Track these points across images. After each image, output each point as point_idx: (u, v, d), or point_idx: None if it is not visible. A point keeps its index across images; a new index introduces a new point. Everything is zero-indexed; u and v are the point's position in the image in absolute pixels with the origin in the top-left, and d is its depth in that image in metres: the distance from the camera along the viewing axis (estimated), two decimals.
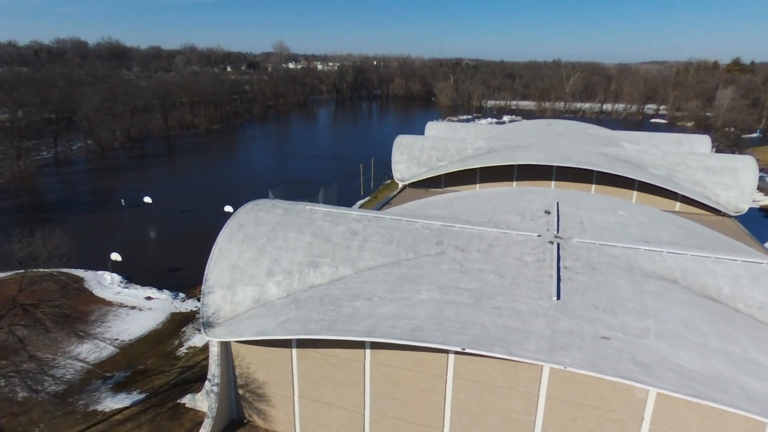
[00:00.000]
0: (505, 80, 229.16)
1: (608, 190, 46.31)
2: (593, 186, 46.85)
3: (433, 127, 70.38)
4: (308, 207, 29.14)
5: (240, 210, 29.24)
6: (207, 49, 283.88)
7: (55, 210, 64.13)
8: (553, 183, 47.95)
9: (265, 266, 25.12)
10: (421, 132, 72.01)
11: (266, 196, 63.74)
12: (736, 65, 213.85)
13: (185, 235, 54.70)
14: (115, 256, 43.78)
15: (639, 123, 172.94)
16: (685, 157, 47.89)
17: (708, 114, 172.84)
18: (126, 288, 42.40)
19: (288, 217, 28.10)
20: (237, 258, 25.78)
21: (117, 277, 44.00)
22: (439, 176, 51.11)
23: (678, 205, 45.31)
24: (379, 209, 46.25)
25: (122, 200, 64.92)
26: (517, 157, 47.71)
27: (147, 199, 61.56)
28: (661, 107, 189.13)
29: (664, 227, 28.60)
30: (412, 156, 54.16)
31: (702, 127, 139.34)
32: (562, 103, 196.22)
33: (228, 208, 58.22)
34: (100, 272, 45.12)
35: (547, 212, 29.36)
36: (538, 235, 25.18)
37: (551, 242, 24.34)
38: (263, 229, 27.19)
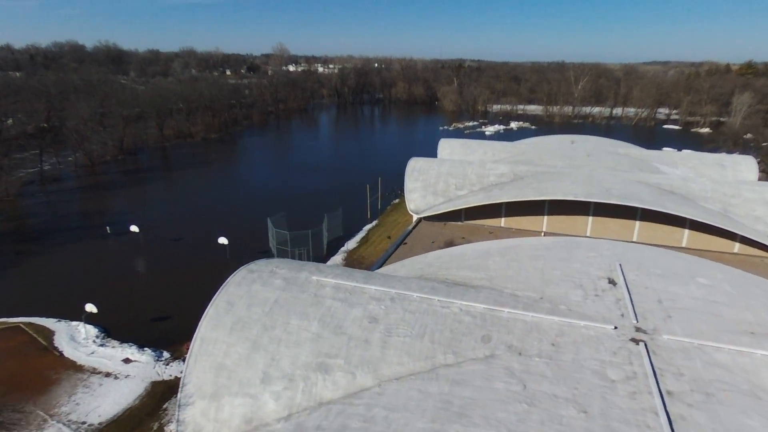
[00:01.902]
0: (510, 84, 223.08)
1: (655, 228, 40.60)
2: (637, 223, 41.11)
3: (446, 146, 64.72)
4: (314, 277, 23.40)
5: (230, 281, 23.51)
6: (206, 53, 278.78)
7: (34, 239, 58.40)
8: (590, 219, 42.23)
9: (260, 368, 19.41)
10: (429, 140, 66.41)
11: (265, 221, 58.51)
12: (750, 68, 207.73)
13: (174, 272, 48.96)
14: (90, 308, 38.07)
15: (651, 129, 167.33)
16: (740, 188, 42.11)
17: (721, 119, 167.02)
18: (102, 346, 36.64)
19: (289, 292, 22.38)
20: (224, 354, 20.08)
21: (93, 331, 38.28)
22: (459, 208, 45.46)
23: (737, 246, 39.56)
24: (393, 251, 40.61)
25: (108, 227, 59.19)
26: (550, 189, 41.96)
27: (134, 228, 55.88)
28: (673, 112, 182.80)
29: (759, 302, 22.85)
30: (427, 184, 48.45)
31: (717, 133, 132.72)
32: (570, 108, 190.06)
33: (222, 240, 52.57)
34: (75, 323, 39.42)
35: (612, 282, 23.63)
36: (614, 327, 19.46)
37: (635, 341, 18.61)
38: (258, 310, 21.48)
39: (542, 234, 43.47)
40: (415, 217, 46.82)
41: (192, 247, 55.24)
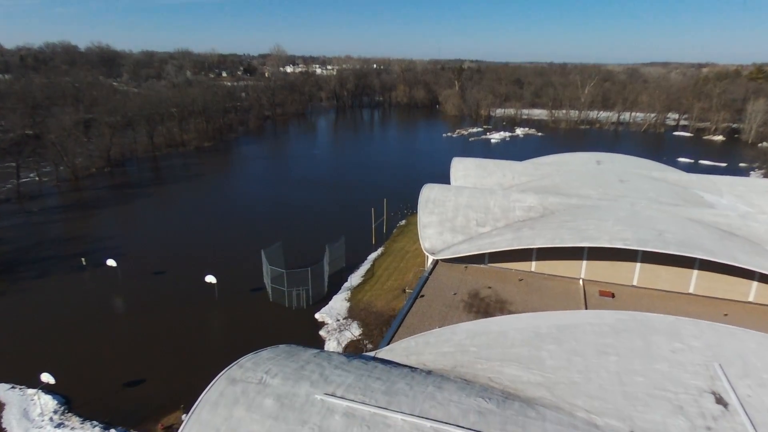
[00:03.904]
0: (513, 87, 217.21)
1: (716, 279, 34.55)
2: (695, 272, 35.05)
3: (459, 166, 58.56)
4: (318, 397, 17.24)
5: (204, 400, 17.30)
6: (201, 54, 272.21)
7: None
8: (638, 266, 36.13)
9: None
10: (432, 149, 60.89)
11: (259, 247, 52.28)
12: (760, 72, 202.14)
13: (153, 318, 42.61)
14: (47, 378, 31.83)
15: (661, 136, 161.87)
16: None
17: (734, 126, 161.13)
18: (59, 426, 30.32)
19: (285, 424, 16.21)
20: None
21: (50, 404, 32.04)
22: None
23: None
24: (409, 308, 34.38)
25: (83, 259, 52.92)
26: (591, 230, 35.83)
27: (110, 262, 49.59)
28: (682, 117, 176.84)
29: None
30: (444, 218, 42.29)
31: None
32: (576, 112, 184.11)
33: (210, 279, 46.31)
34: (31, 391, 33.17)
35: (720, 401, 17.57)
36: None
37: None
38: None
39: (580, 281, 37.41)
40: (430, 259, 40.66)
41: (176, 284, 48.89)
